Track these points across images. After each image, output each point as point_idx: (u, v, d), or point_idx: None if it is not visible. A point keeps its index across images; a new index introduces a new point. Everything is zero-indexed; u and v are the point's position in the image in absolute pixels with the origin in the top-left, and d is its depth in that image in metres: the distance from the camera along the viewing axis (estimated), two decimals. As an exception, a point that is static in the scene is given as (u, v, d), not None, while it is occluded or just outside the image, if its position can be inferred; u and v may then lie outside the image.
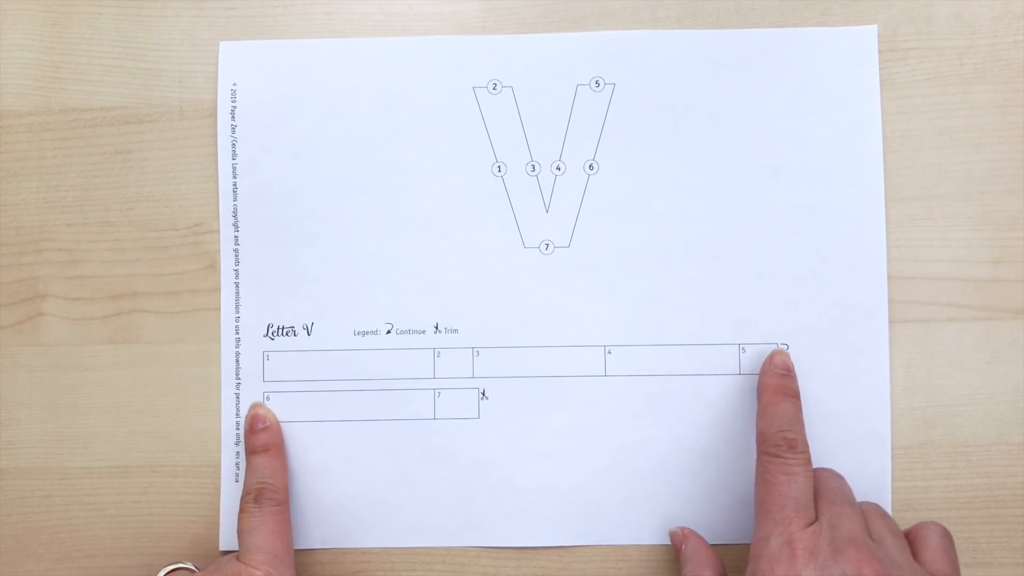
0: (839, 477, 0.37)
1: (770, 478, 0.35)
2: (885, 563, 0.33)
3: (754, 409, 0.39)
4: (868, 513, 0.36)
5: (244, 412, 0.40)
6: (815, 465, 0.36)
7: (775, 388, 0.38)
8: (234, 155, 0.41)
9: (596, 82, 0.40)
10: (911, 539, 0.35)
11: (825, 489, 0.36)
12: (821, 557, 0.33)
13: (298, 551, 0.39)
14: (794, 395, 0.38)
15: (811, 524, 0.34)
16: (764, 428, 0.37)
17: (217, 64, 0.41)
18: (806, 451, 0.36)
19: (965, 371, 0.40)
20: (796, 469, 0.35)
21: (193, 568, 0.37)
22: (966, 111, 0.40)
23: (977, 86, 0.40)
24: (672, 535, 0.39)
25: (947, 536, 0.35)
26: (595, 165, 0.40)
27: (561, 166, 0.40)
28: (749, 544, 0.36)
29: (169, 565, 0.38)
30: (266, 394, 0.40)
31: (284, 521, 0.38)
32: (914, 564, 0.34)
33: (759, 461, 0.36)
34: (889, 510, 0.39)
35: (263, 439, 0.39)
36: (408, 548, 0.40)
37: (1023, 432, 0.39)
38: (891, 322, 0.40)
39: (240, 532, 0.37)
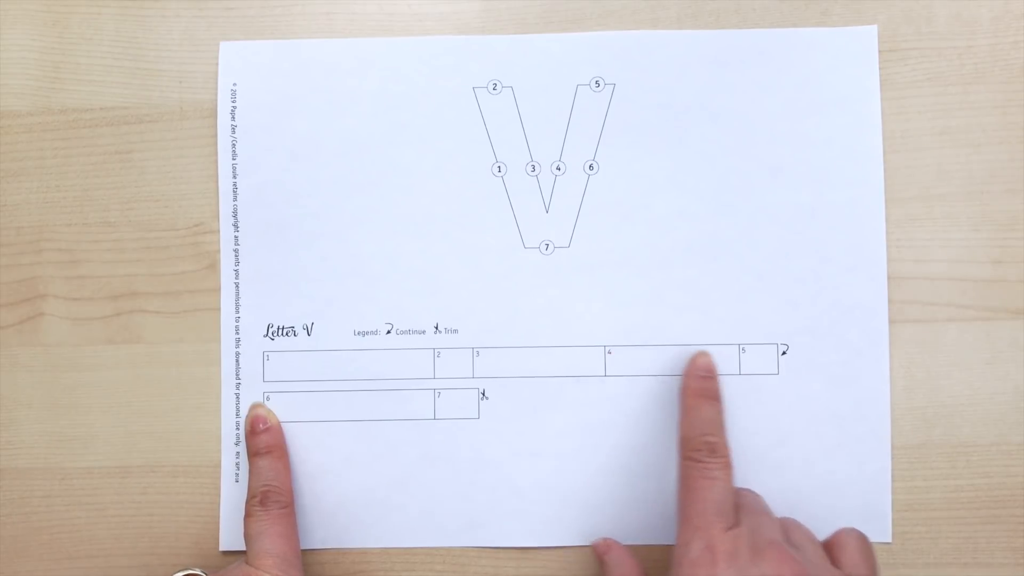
0: (758, 495, 0.37)
1: (691, 483, 0.35)
2: (804, 564, 0.33)
3: (754, 410, 0.39)
4: (787, 524, 0.36)
5: (244, 412, 0.40)
6: (814, 470, 0.36)
7: (696, 391, 0.38)
8: (234, 155, 0.41)
9: (596, 82, 0.40)
10: (830, 547, 0.35)
11: (745, 502, 0.36)
12: (741, 560, 0.33)
13: (298, 551, 0.40)
14: (715, 397, 0.38)
15: (731, 528, 0.34)
16: (686, 432, 0.37)
17: (217, 64, 0.41)
18: (727, 455, 0.36)
19: (965, 371, 0.40)
20: (717, 473, 0.35)
21: (202, 574, 0.37)
22: (966, 111, 0.40)
23: (977, 86, 0.40)
24: (595, 546, 0.39)
25: (865, 540, 0.35)
26: (595, 165, 0.40)
27: (561, 166, 0.40)
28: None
29: (179, 572, 0.38)
30: (266, 394, 0.40)
31: (291, 523, 0.38)
32: (833, 568, 0.34)
33: (680, 465, 0.36)
34: (889, 510, 0.39)
35: (265, 441, 0.39)
36: (408, 548, 0.40)
37: (1023, 432, 0.39)
38: (891, 322, 0.40)
39: (247, 536, 0.37)
